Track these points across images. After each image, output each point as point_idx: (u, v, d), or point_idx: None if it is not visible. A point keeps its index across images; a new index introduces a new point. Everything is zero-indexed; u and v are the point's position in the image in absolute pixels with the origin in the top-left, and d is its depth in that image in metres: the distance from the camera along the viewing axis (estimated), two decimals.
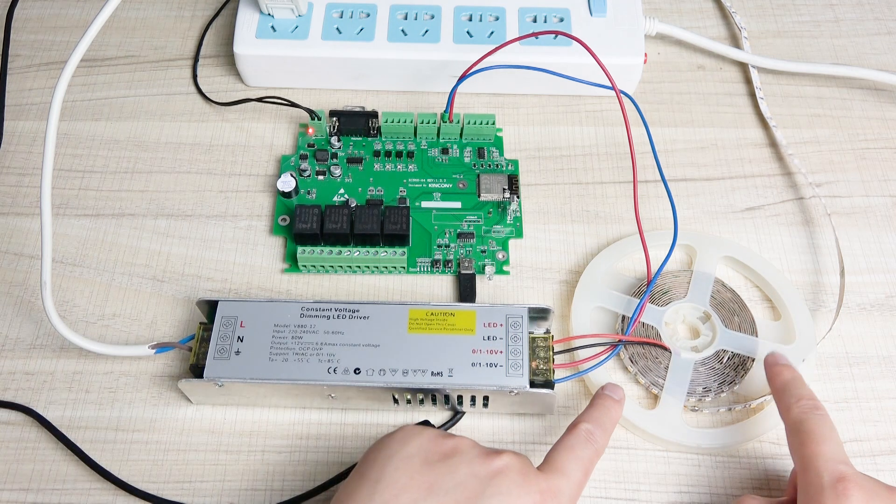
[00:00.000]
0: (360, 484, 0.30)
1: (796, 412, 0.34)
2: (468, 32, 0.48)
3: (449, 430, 0.38)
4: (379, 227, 0.42)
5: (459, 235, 0.44)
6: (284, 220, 0.45)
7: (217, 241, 0.45)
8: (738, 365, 0.40)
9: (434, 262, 0.43)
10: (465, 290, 0.42)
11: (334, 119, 0.47)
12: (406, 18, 0.49)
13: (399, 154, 0.47)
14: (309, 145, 0.47)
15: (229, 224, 0.45)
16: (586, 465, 0.32)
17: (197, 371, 0.37)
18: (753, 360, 0.40)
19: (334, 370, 0.36)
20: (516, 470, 0.30)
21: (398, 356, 0.37)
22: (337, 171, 0.46)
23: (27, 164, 0.48)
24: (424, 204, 0.45)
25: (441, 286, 0.43)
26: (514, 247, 0.44)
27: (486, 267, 0.43)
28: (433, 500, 0.28)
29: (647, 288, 0.41)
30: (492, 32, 0.48)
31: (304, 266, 0.43)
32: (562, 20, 0.49)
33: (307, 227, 0.42)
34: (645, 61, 0.48)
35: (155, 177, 0.47)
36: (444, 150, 0.47)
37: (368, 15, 0.49)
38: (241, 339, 0.37)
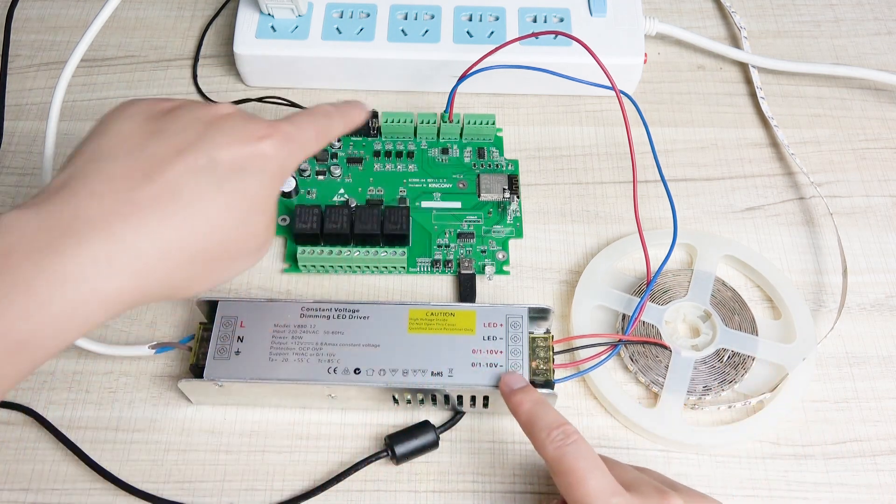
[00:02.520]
0: (87, 140, 0.29)
1: (551, 450, 0.32)
2: (468, 32, 0.48)
3: (449, 430, 0.38)
4: (379, 227, 0.42)
5: (459, 235, 0.44)
6: (284, 220, 0.45)
7: None
8: (738, 364, 0.40)
9: (434, 262, 0.43)
10: (465, 290, 0.42)
11: None
12: (406, 18, 0.49)
13: (399, 154, 0.47)
14: None
15: None
16: (320, 128, 0.32)
17: (197, 371, 0.37)
18: (754, 359, 0.40)
19: (334, 370, 0.36)
20: (240, 114, 0.30)
21: (398, 356, 0.37)
22: (337, 171, 0.46)
23: (27, 164, 0.48)
24: (424, 204, 0.45)
25: (441, 286, 0.43)
26: (514, 247, 0.44)
27: (486, 267, 0.43)
28: (156, 141, 0.28)
29: (648, 287, 0.41)
30: (492, 32, 0.48)
31: (304, 266, 0.43)
32: (562, 20, 0.49)
33: (307, 227, 0.42)
34: (645, 61, 0.48)
35: None
36: (444, 150, 0.47)
37: (368, 15, 0.49)
38: (241, 339, 0.37)
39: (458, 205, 0.45)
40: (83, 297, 0.25)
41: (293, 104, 0.47)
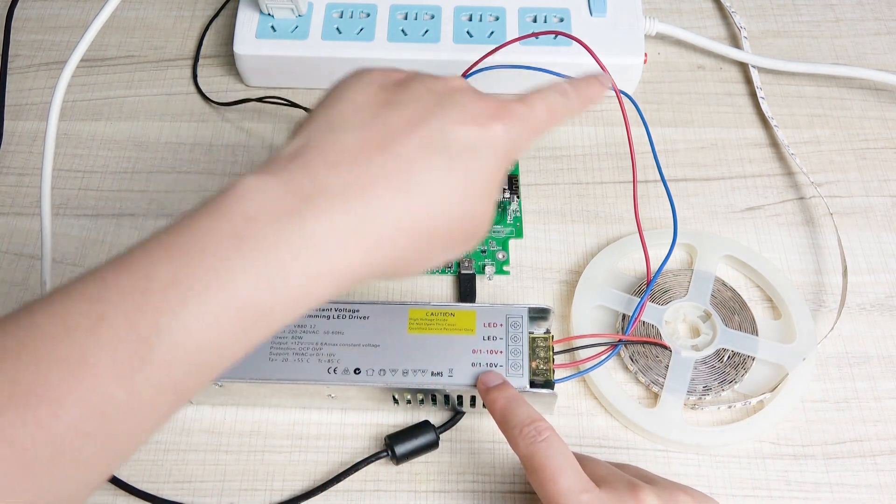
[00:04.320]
0: (320, 108, 0.29)
1: (523, 447, 0.32)
2: (468, 32, 0.48)
3: (449, 430, 0.38)
4: None
5: None
6: None
7: None
8: (738, 364, 0.40)
9: None
10: (465, 290, 0.42)
11: None
12: (406, 18, 0.49)
13: None
14: None
15: None
16: (553, 107, 0.31)
17: None
18: (754, 359, 0.40)
19: (334, 370, 0.36)
20: (471, 90, 0.30)
21: (398, 356, 0.37)
22: None
23: (27, 164, 0.48)
24: None
25: (441, 286, 0.43)
26: (514, 247, 0.44)
27: (486, 267, 0.43)
28: (390, 110, 0.28)
29: (648, 287, 0.41)
30: (492, 32, 0.48)
31: None
32: (562, 20, 0.49)
33: None
34: (645, 61, 0.48)
35: (155, 177, 0.47)
36: None
37: (368, 15, 0.49)
38: None
39: None
40: (320, 271, 0.25)
41: (293, 104, 0.47)
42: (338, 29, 0.48)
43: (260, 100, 0.48)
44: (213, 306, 0.23)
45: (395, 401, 0.38)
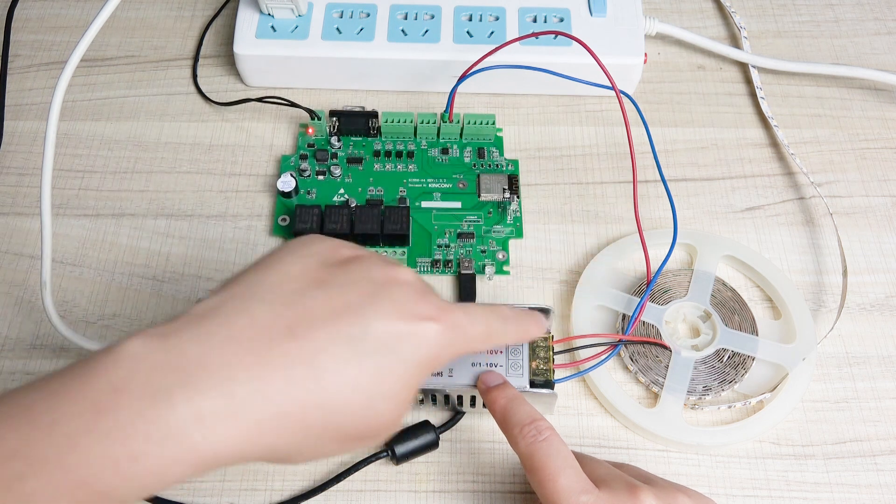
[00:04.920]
0: (253, 268, 0.28)
1: (523, 446, 0.31)
2: (468, 32, 0.48)
3: (449, 430, 0.38)
4: (379, 227, 0.42)
5: (459, 235, 0.44)
6: (284, 220, 0.45)
7: (217, 241, 0.45)
8: (738, 364, 0.40)
9: (434, 262, 0.43)
10: (465, 290, 0.42)
11: (334, 119, 0.47)
12: (406, 18, 0.49)
13: (399, 154, 0.47)
14: (309, 145, 0.47)
15: (229, 224, 0.45)
16: (492, 329, 0.30)
17: None
18: (754, 358, 0.40)
19: None
20: (416, 286, 0.28)
21: None
22: (337, 171, 0.46)
23: (27, 164, 0.48)
24: (424, 204, 0.45)
25: (441, 286, 0.43)
26: (514, 247, 0.44)
27: (486, 267, 0.43)
28: (320, 292, 0.27)
29: (648, 287, 0.41)
30: (492, 32, 0.48)
31: None
32: (562, 20, 0.49)
33: (307, 227, 0.42)
34: (645, 61, 0.48)
35: (155, 177, 0.47)
36: (444, 150, 0.47)
37: (368, 15, 0.49)
38: None
39: (458, 205, 0.45)
40: (177, 457, 0.23)
41: (293, 104, 0.47)
42: (338, 29, 0.48)
43: (260, 100, 0.48)
44: (50, 485, 0.22)
45: None
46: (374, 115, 0.47)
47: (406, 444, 0.37)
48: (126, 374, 0.23)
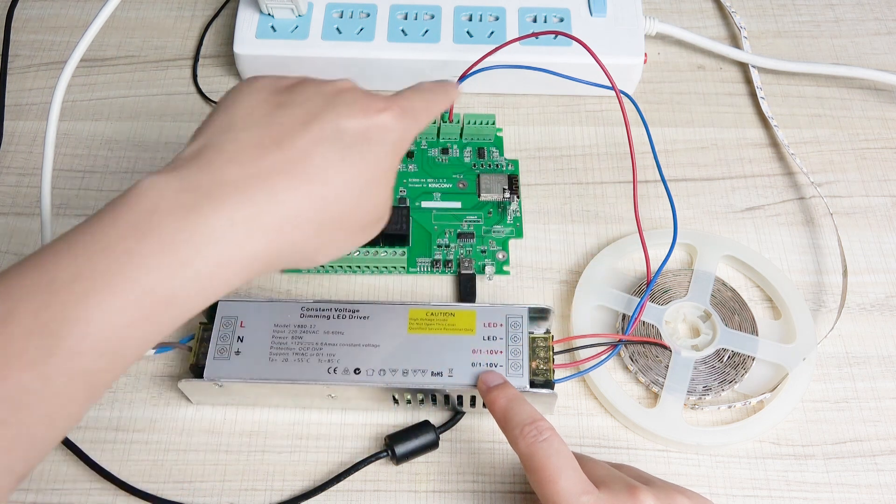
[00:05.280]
0: (216, 113, 0.30)
1: (523, 446, 0.32)
2: (468, 32, 0.48)
3: (449, 430, 0.38)
4: None
5: (459, 235, 0.44)
6: None
7: None
8: (738, 364, 0.40)
9: (434, 262, 0.43)
10: (465, 290, 0.42)
11: None
12: (406, 18, 0.49)
13: None
14: None
15: None
16: (427, 102, 0.33)
17: (197, 371, 0.37)
18: (754, 358, 0.40)
19: (334, 370, 0.36)
20: (358, 90, 0.31)
21: (398, 356, 0.37)
22: None
23: (27, 164, 0.48)
24: (424, 204, 0.45)
25: (441, 286, 0.43)
26: (514, 247, 0.44)
27: (486, 267, 0.43)
28: (283, 111, 0.29)
29: (648, 287, 0.41)
30: (492, 32, 0.48)
31: None
32: (562, 20, 0.49)
33: None
34: (645, 61, 0.48)
35: None
36: (444, 150, 0.47)
37: (368, 15, 0.49)
38: (241, 339, 0.37)
39: (458, 205, 0.45)
40: (223, 258, 0.26)
41: None
42: (338, 29, 0.48)
43: None
44: (117, 297, 0.25)
45: (395, 401, 0.38)
46: None
47: (406, 444, 0.37)
48: (155, 201, 0.26)
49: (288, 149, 0.28)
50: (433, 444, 0.37)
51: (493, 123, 0.47)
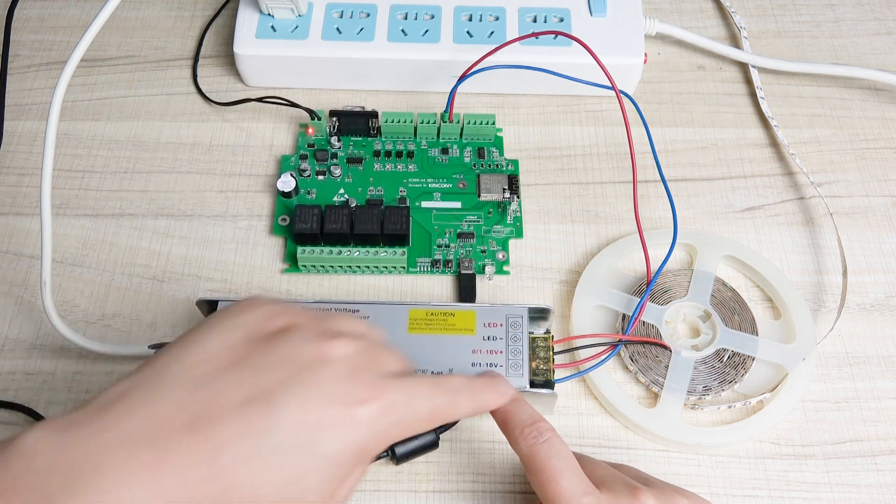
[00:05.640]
0: (174, 345, 0.26)
1: (524, 447, 0.31)
2: (468, 32, 0.48)
3: (449, 430, 0.38)
4: (379, 227, 0.42)
5: (459, 235, 0.44)
6: (284, 220, 0.45)
7: (217, 241, 0.45)
8: (738, 364, 0.40)
9: (434, 262, 0.43)
10: (465, 290, 0.42)
11: (334, 119, 0.47)
12: (406, 18, 0.49)
13: (399, 154, 0.47)
14: (309, 145, 0.47)
15: (229, 224, 0.45)
16: (437, 408, 0.28)
17: None
18: (754, 359, 0.40)
19: None
20: (351, 361, 0.26)
21: None
22: (337, 171, 0.46)
23: (27, 164, 0.48)
24: (424, 204, 0.45)
25: (441, 286, 0.43)
26: (514, 247, 0.44)
27: (486, 267, 0.43)
28: (233, 375, 0.25)
29: (648, 287, 0.41)
30: (492, 32, 0.48)
31: (304, 266, 0.43)
32: (562, 20, 0.49)
33: (307, 227, 0.42)
34: (645, 61, 0.48)
35: (155, 177, 0.47)
36: (444, 150, 0.47)
37: (368, 15, 0.49)
38: None
39: (458, 205, 0.45)
40: None
41: (293, 104, 0.47)
42: (338, 29, 0.48)
43: (260, 100, 0.48)
44: None
45: None
46: (374, 115, 0.47)
47: (406, 444, 0.37)
48: (18, 474, 0.22)
49: (201, 435, 0.23)
50: (433, 444, 0.37)
51: (493, 123, 0.47)
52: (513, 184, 0.45)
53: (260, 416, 0.24)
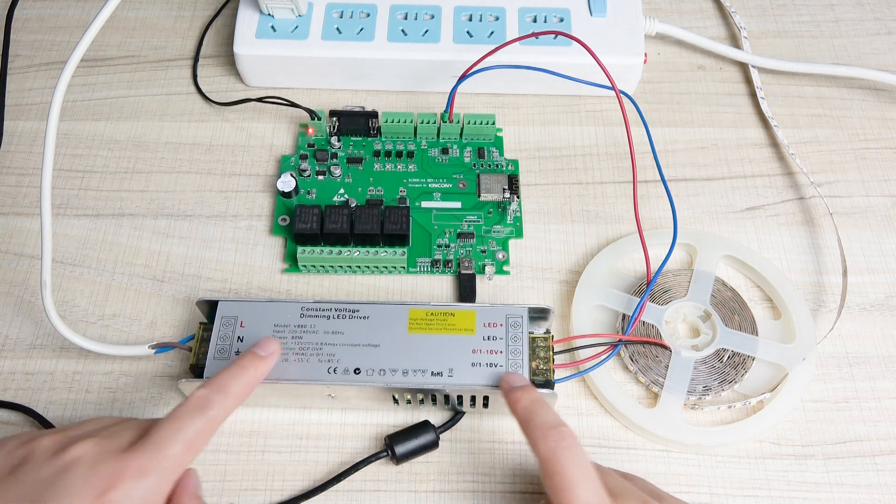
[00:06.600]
0: None
1: (543, 449, 0.31)
2: (468, 32, 0.48)
3: (449, 430, 0.38)
4: (379, 227, 0.42)
5: (459, 235, 0.44)
6: (284, 220, 0.45)
7: (217, 241, 0.45)
8: (738, 364, 0.40)
9: (434, 262, 0.43)
10: (465, 290, 0.42)
11: (334, 119, 0.47)
12: (406, 18, 0.49)
13: (399, 154, 0.47)
14: (309, 145, 0.47)
15: (229, 224, 0.45)
16: (191, 438, 0.29)
17: (197, 371, 0.37)
18: (754, 358, 0.40)
19: (334, 370, 0.36)
20: (88, 460, 0.27)
21: (398, 356, 0.37)
22: (337, 171, 0.46)
23: (27, 164, 0.48)
24: (424, 204, 0.45)
25: (441, 286, 0.43)
26: (514, 247, 0.44)
27: (486, 267, 0.43)
28: None
29: (648, 287, 0.41)
30: (492, 32, 0.48)
31: (304, 266, 0.43)
32: (562, 20, 0.49)
33: (307, 227, 0.42)
34: (645, 61, 0.48)
35: (155, 177, 0.47)
36: (444, 150, 0.47)
37: (368, 15, 0.49)
38: (241, 340, 0.37)
39: (458, 205, 0.45)
40: None
41: (293, 104, 0.47)
42: (338, 29, 0.48)
43: (260, 100, 0.48)
44: None
45: (395, 401, 0.38)
46: (374, 115, 0.47)
47: (406, 444, 0.37)
48: None
49: None
50: (433, 444, 0.37)
51: (493, 123, 0.47)
52: (513, 184, 0.45)
53: None
